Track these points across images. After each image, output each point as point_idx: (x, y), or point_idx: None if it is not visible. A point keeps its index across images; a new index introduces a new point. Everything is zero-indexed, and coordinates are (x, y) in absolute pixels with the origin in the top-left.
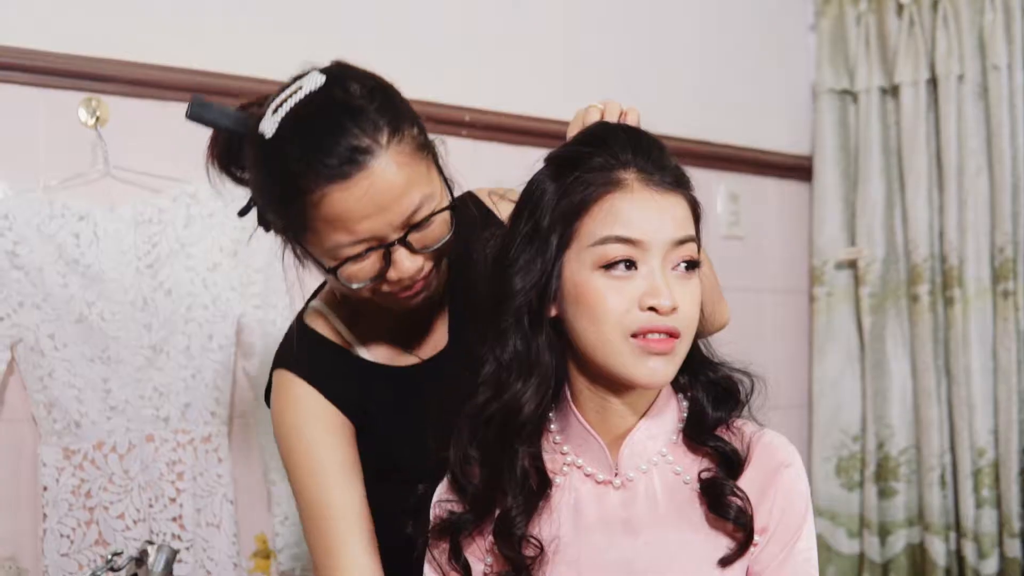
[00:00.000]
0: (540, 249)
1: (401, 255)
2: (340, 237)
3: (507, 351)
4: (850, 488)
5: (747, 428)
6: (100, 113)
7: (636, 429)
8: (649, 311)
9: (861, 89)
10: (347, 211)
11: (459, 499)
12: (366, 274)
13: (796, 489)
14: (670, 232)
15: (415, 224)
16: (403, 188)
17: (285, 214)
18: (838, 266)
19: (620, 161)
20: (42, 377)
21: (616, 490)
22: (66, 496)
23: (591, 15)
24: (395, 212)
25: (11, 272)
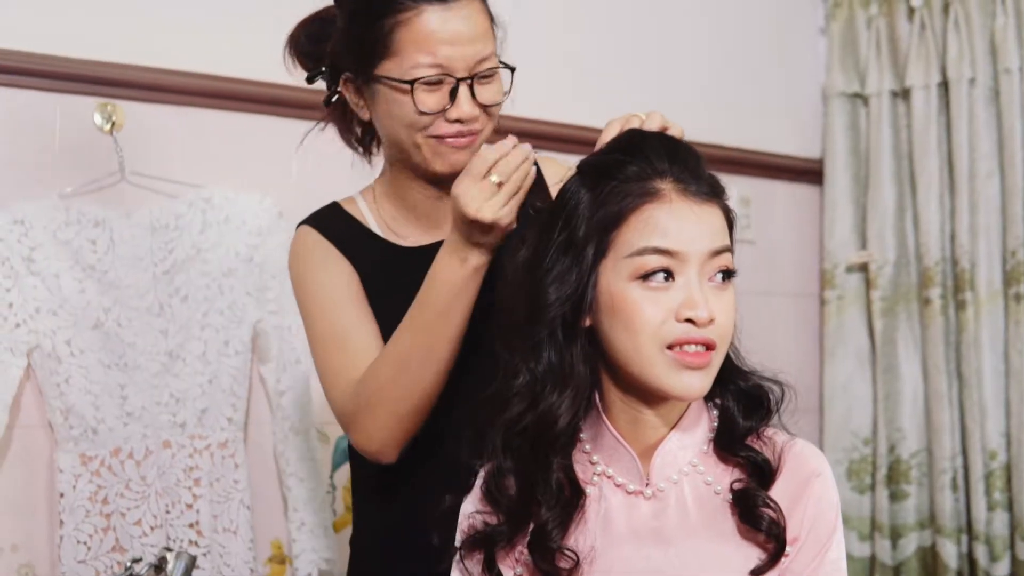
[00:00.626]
0: (576, 259)
1: (464, 95)
2: (421, 57)
3: (541, 363)
4: (861, 491)
5: (778, 437)
6: (116, 118)
7: (667, 440)
8: (686, 323)
9: (872, 93)
10: (436, 32)
11: (493, 510)
12: (432, 104)
13: (827, 498)
14: (707, 243)
15: (480, 74)
16: (483, 33)
17: (373, 40)
18: (849, 269)
19: (657, 170)
20: (59, 383)
21: (647, 500)
22: (83, 502)
23: (599, 18)
24: (472, 50)
25: (27, 278)
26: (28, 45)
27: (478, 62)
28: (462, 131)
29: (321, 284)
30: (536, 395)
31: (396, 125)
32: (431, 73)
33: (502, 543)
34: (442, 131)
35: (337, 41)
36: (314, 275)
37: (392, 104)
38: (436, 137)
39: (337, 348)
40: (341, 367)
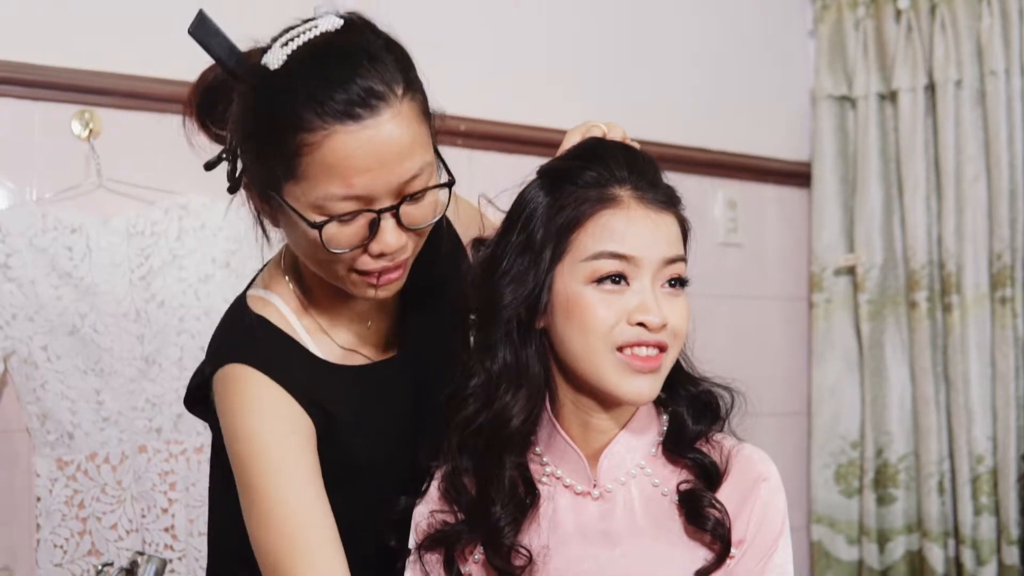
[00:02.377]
0: (533, 261)
1: (389, 226)
2: (333, 188)
3: (496, 362)
4: (849, 495)
5: (726, 442)
6: (93, 125)
7: (615, 442)
8: (637, 326)
9: (860, 95)
10: (348, 158)
11: (451, 510)
12: (348, 241)
13: (773, 503)
14: (662, 250)
15: (410, 195)
16: (408, 148)
17: (274, 156)
18: (837, 272)
19: (616, 177)
20: (35, 389)
21: (595, 501)
22: (59, 507)
23: (588, 23)
24: (395, 173)
25: (4, 284)
26: (6, 54)
27: (406, 182)
28: (388, 266)
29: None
30: (491, 395)
31: (309, 258)
32: (344, 208)
33: (462, 542)
34: (367, 267)
35: (234, 131)
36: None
37: (300, 236)
38: (361, 272)
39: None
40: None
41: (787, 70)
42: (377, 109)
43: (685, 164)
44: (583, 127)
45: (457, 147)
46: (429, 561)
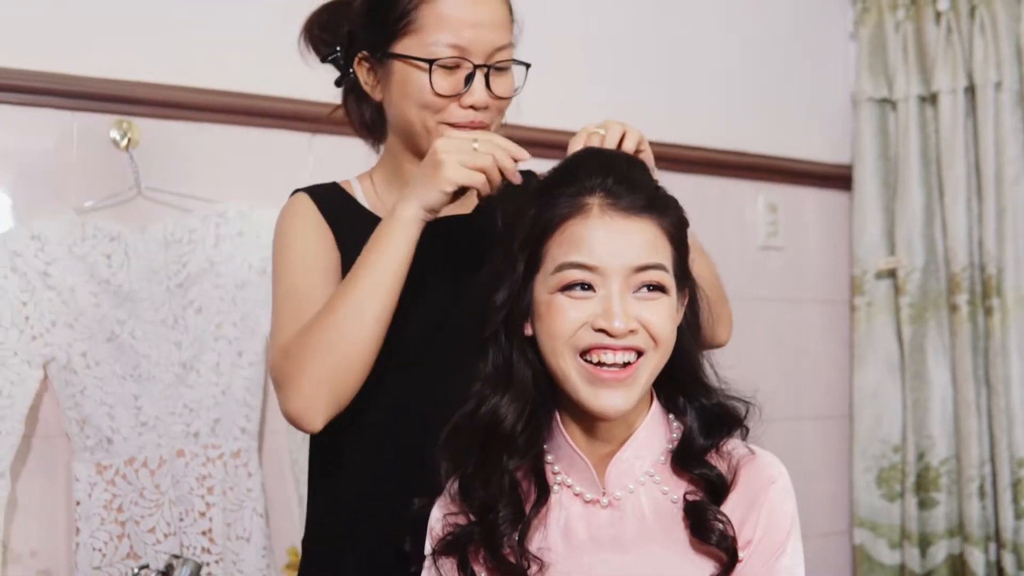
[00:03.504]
0: (512, 270)
1: (480, 82)
2: (442, 36)
3: (488, 365)
4: (891, 499)
5: (736, 452)
6: (131, 135)
7: (623, 449)
8: (600, 332)
9: (900, 97)
10: (458, 13)
11: (463, 512)
12: (448, 87)
13: (781, 506)
14: (629, 258)
15: (496, 64)
16: (502, 22)
17: (392, 15)
18: (878, 276)
19: (586, 187)
20: (74, 394)
21: (604, 509)
22: (98, 510)
23: (622, 25)
24: (491, 36)
25: (44, 292)
26: (45, 65)
27: (496, 50)
28: (473, 120)
29: (296, 246)
30: (483, 396)
31: (409, 105)
32: (450, 54)
33: (473, 544)
34: (454, 118)
35: (355, 20)
36: (293, 236)
37: (407, 83)
38: (450, 124)
39: (290, 308)
40: (286, 327)
41: (827, 73)
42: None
43: (724, 168)
44: (583, 133)
45: None
46: (443, 565)
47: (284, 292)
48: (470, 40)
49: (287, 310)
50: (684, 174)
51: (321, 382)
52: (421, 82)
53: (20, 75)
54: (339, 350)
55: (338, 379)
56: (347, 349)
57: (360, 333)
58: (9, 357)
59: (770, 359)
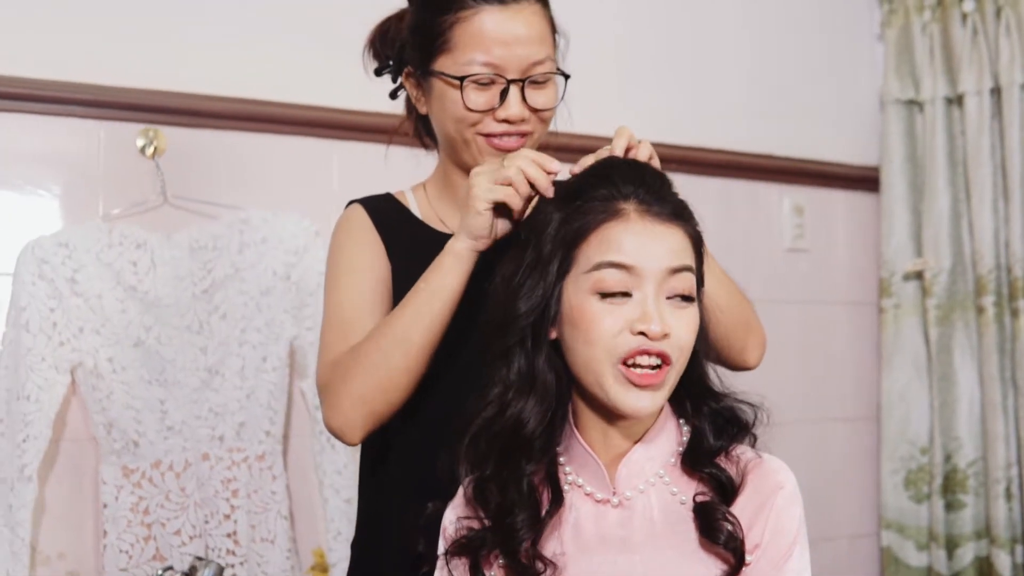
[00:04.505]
0: (542, 274)
1: (514, 97)
2: (475, 55)
3: (512, 371)
4: (919, 501)
5: (745, 456)
6: (157, 143)
7: (634, 450)
8: (639, 335)
9: (927, 99)
10: (491, 32)
11: (476, 516)
12: (482, 102)
13: (788, 511)
14: (665, 260)
15: (533, 77)
16: (539, 37)
17: (433, 36)
18: (905, 277)
19: (621, 192)
20: (101, 399)
21: (614, 509)
22: (125, 513)
23: (648, 31)
24: (525, 52)
25: (71, 299)
26: (72, 75)
27: (531, 65)
28: (509, 131)
29: (348, 261)
30: (505, 402)
31: (447, 120)
32: (483, 71)
33: (486, 547)
34: (490, 129)
35: (404, 36)
36: (346, 250)
37: (444, 99)
38: (484, 135)
39: (337, 324)
40: (333, 343)
41: (854, 74)
42: (520, 1)
43: (751, 171)
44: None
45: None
46: (456, 567)
47: (332, 309)
48: (501, 57)
49: (334, 327)
50: (711, 177)
51: (360, 401)
52: (456, 98)
53: (48, 85)
54: (380, 373)
55: (377, 400)
56: (388, 373)
57: (402, 359)
58: (37, 363)
59: (798, 361)
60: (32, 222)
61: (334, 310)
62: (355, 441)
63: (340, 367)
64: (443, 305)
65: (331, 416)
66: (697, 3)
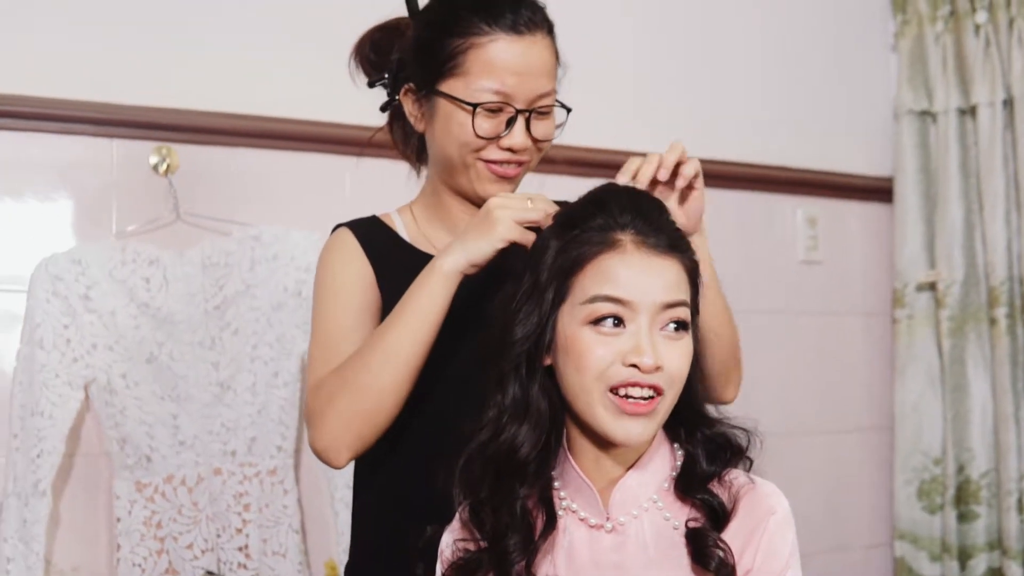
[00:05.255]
0: (538, 302)
1: (520, 126)
2: (487, 82)
3: (507, 396)
4: (932, 511)
5: (738, 481)
6: (170, 161)
7: (627, 476)
8: (631, 367)
9: (940, 110)
10: (505, 61)
11: (473, 538)
12: (488, 129)
13: (780, 535)
14: (660, 295)
15: (538, 109)
16: (547, 70)
17: (442, 54)
18: (919, 288)
19: (618, 222)
20: (115, 415)
21: (608, 534)
22: (138, 527)
23: (661, 42)
24: (534, 84)
25: (85, 315)
26: (86, 94)
27: (538, 96)
28: (510, 159)
29: (335, 281)
30: (501, 426)
31: (451, 142)
32: (493, 99)
33: (482, 570)
34: (493, 156)
35: (406, 51)
36: (333, 271)
37: (451, 121)
38: (485, 161)
39: (325, 349)
40: (319, 367)
41: (868, 85)
42: (533, 32)
43: (765, 183)
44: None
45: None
46: None
47: (320, 332)
48: (513, 87)
49: (321, 350)
50: (725, 189)
51: (347, 423)
52: (464, 122)
53: (62, 104)
54: (367, 395)
55: (363, 422)
56: (375, 394)
57: (389, 380)
58: (51, 379)
59: (811, 372)
60: (46, 239)
61: (322, 334)
62: (341, 464)
63: (325, 388)
64: (430, 323)
65: (317, 438)
66: (711, 16)
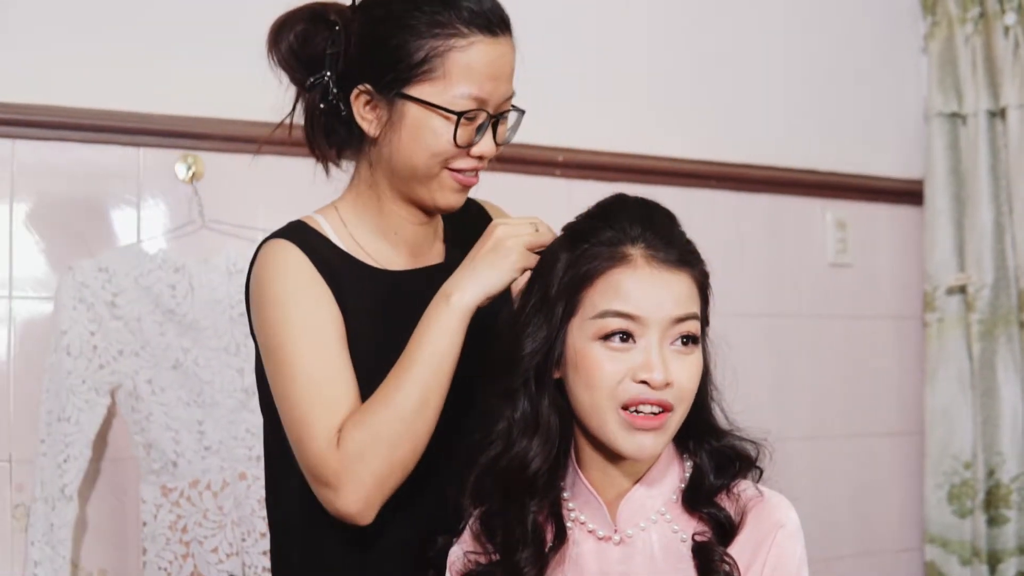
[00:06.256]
0: (547, 316)
1: (490, 133)
2: (467, 87)
3: (517, 410)
4: (962, 515)
5: (746, 493)
6: (196, 168)
7: (635, 488)
8: (641, 384)
9: (969, 112)
10: (485, 65)
11: (485, 551)
12: (465, 138)
13: (788, 548)
14: (670, 310)
15: (503, 113)
16: (512, 71)
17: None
18: (949, 292)
19: (628, 236)
20: (141, 420)
21: (616, 546)
22: (164, 531)
23: (686, 46)
24: (505, 88)
25: (111, 322)
26: (113, 103)
27: (505, 100)
28: (477, 167)
29: (298, 310)
30: (511, 440)
31: (419, 151)
32: (470, 106)
33: None
34: (463, 165)
35: (351, 48)
36: (299, 304)
37: (423, 129)
38: (452, 170)
39: (316, 391)
40: (319, 419)
41: (898, 88)
42: (505, 32)
43: (794, 186)
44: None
45: (555, 177)
46: None
47: (302, 379)
48: (490, 92)
49: (313, 400)
50: (754, 193)
51: (382, 480)
52: (440, 130)
53: (89, 114)
54: (405, 446)
55: (397, 475)
56: (410, 446)
57: (424, 429)
58: (78, 385)
59: (842, 376)
60: (73, 247)
61: (308, 378)
62: (370, 520)
63: (352, 445)
64: (454, 363)
65: (348, 502)
66: (738, 18)
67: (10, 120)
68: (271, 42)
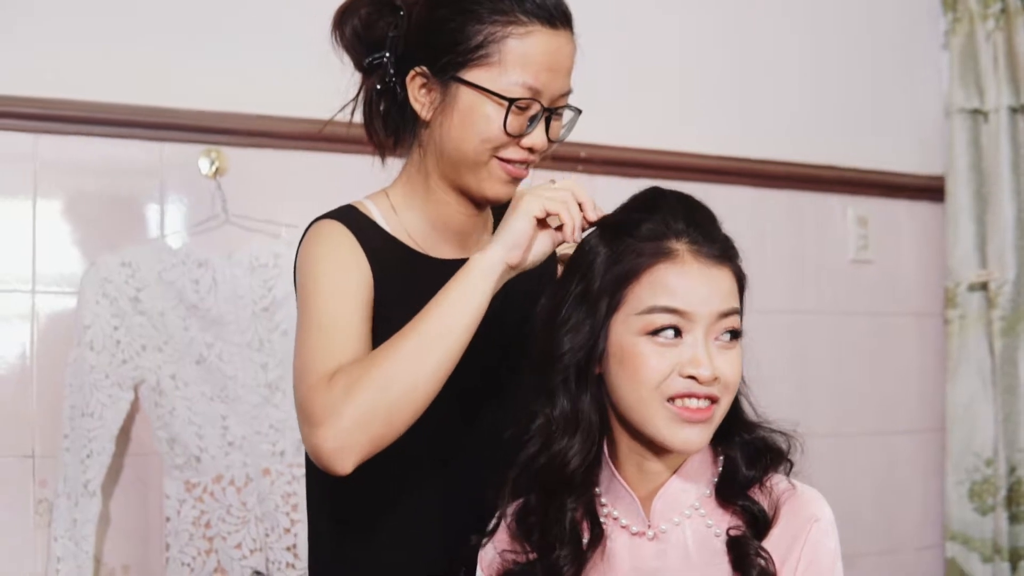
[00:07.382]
0: (590, 312)
1: (542, 126)
2: (522, 76)
3: (556, 408)
4: (984, 512)
5: (779, 486)
6: (219, 164)
7: (668, 484)
8: (688, 379)
9: (991, 108)
10: (542, 54)
11: (522, 549)
12: (515, 127)
13: (823, 543)
14: (716, 304)
15: (557, 108)
16: (571, 67)
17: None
18: (971, 288)
19: (672, 230)
20: (164, 415)
21: (650, 541)
22: (187, 526)
23: (708, 43)
24: (562, 82)
25: (134, 317)
26: (137, 98)
27: (561, 95)
28: (527, 159)
29: (334, 273)
30: (549, 438)
31: (470, 136)
32: (525, 95)
33: None
34: (511, 155)
35: (411, 30)
36: (330, 263)
37: (474, 114)
38: (502, 160)
39: (324, 337)
40: (319, 357)
41: (919, 84)
42: (567, 26)
43: (815, 182)
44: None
45: (578, 173)
46: None
47: (316, 321)
48: (545, 83)
49: (319, 339)
50: (775, 189)
51: (365, 421)
52: (492, 116)
53: (113, 108)
54: (394, 390)
55: (383, 421)
56: (402, 390)
57: (419, 375)
58: (101, 380)
59: (863, 373)
60: (96, 242)
61: (322, 320)
62: (347, 470)
63: (341, 380)
64: (468, 318)
65: (324, 438)
66: (759, 15)
67: (33, 115)
68: (336, 24)
